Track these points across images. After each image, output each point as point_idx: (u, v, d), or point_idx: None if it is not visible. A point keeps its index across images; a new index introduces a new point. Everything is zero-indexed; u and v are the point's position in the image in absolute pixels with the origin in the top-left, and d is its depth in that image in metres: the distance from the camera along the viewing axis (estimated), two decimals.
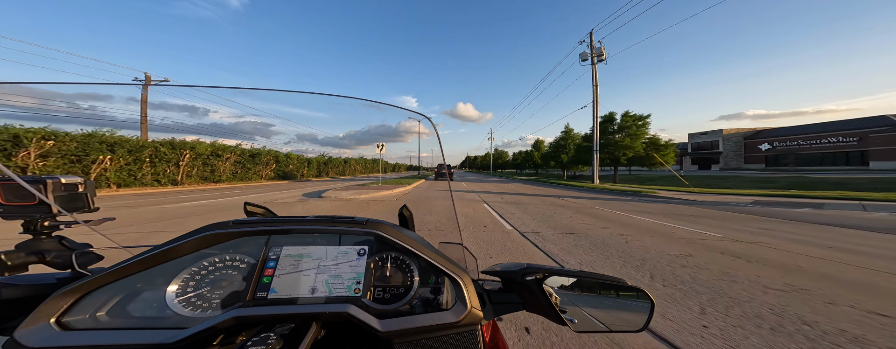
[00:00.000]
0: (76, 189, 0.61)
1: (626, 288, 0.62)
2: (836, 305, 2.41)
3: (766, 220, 6.60)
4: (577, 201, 10.39)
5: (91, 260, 0.60)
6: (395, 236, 0.63)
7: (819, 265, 3.47)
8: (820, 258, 3.74)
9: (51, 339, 0.45)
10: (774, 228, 5.71)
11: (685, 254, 3.87)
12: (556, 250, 4.06)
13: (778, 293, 2.64)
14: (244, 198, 10.74)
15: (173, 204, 8.99)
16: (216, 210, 7.81)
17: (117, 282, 0.52)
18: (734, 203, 9.71)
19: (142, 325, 0.50)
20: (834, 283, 2.89)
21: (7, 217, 0.55)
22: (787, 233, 5.31)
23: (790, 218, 6.94)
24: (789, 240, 4.74)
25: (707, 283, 2.85)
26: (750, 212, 7.85)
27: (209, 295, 0.55)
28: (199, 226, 0.59)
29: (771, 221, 6.49)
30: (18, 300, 0.50)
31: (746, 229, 5.61)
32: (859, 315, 2.25)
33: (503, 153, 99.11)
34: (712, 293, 2.62)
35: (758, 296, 2.58)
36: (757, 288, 2.75)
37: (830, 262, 3.57)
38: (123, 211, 7.43)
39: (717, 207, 8.83)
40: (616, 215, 7.27)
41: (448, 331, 0.55)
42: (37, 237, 0.59)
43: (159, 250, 0.54)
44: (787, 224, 6.19)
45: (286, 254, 0.60)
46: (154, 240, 4.36)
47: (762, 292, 2.65)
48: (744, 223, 6.27)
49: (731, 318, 2.17)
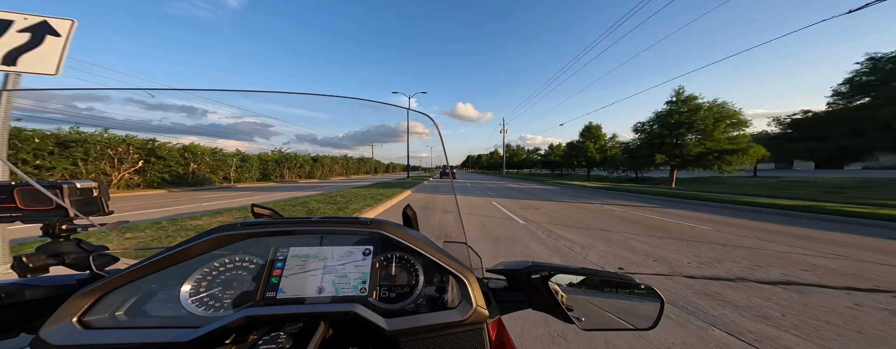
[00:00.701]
0: (91, 193, 0.63)
1: (634, 286, 0.62)
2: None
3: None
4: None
5: (108, 261, 0.62)
6: (400, 236, 0.63)
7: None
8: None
9: (74, 338, 0.47)
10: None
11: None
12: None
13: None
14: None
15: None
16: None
17: (133, 283, 0.54)
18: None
19: (158, 325, 0.51)
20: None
21: (26, 221, 0.57)
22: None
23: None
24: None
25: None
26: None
27: (221, 295, 0.56)
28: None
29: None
30: (41, 300, 0.52)
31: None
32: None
33: (519, 149, 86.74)
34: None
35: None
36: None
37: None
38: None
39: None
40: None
41: (454, 330, 0.56)
42: (55, 240, 0.61)
43: (171, 252, 0.55)
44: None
45: (293, 254, 0.62)
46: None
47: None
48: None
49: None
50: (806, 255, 4.01)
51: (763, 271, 3.36)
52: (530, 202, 10.29)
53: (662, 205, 9.83)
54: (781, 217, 7.54)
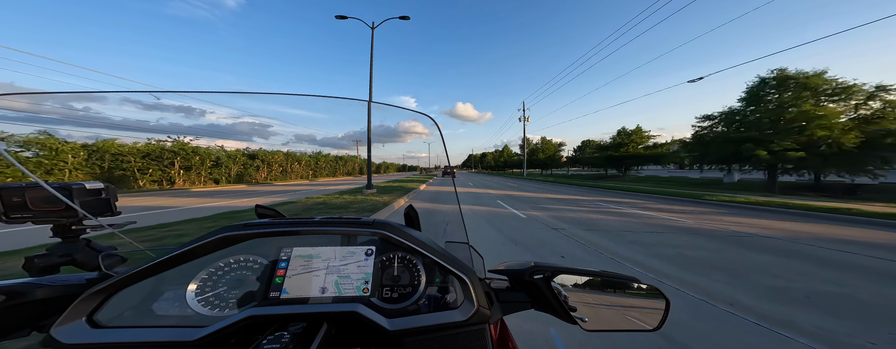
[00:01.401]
0: (100, 195, 0.64)
1: (638, 286, 0.61)
2: None
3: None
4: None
5: (116, 261, 0.63)
6: (402, 236, 0.64)
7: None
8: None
9: (84, 336, 0.48)
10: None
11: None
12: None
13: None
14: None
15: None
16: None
17: (141, 283, 0.55)
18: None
19: (165, 324, 0.52)
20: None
21: (37, 221, 0.58)
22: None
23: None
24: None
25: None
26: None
27: (226, 294, 0.57)
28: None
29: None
30: (52, 299, 0.53)
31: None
32: None
33: (545, 143, 63.80)
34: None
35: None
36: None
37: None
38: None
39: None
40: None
41: (456, 330, 0.56)
42: (65, 240, 0.62)
43: (178, 252, 0.56)
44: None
45: (296, 254, 0.62)
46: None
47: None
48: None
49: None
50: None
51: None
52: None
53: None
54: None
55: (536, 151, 62.20)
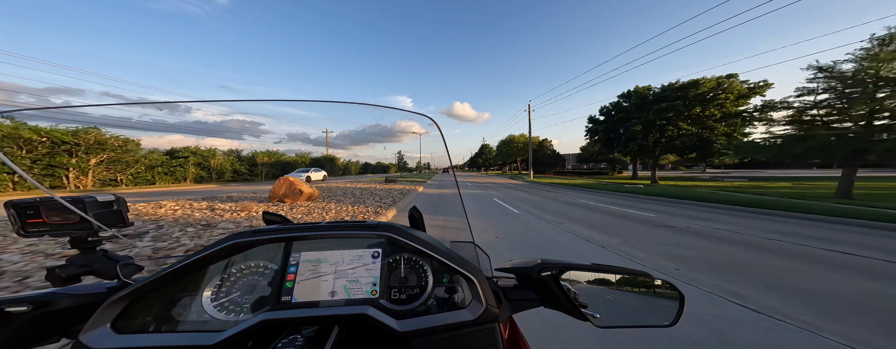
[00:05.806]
0: (111, 206, 0.65)
1: (651, 281, 0.60)
2: None
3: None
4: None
5: (133, 270, 0.65)
6: (407, 238, 0.64)
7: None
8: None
9: (110, 341, 0.50)
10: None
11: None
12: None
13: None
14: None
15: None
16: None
17: (159, 290, 0.57)
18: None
19: (184, 329, 0.54)
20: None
21: (54, 234, 0.60)
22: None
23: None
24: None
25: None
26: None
27: (240, 300, 0.59)
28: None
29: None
30: (76, 308, 0.55)
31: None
32: None
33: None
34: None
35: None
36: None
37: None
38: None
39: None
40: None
41: (465, 330, 0.56)
42: (83, 251, 0.64)
43: (191, 260, 0.58)
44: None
45: (305, 259, 0.63)
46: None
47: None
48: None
49: None
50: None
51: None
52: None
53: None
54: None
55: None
